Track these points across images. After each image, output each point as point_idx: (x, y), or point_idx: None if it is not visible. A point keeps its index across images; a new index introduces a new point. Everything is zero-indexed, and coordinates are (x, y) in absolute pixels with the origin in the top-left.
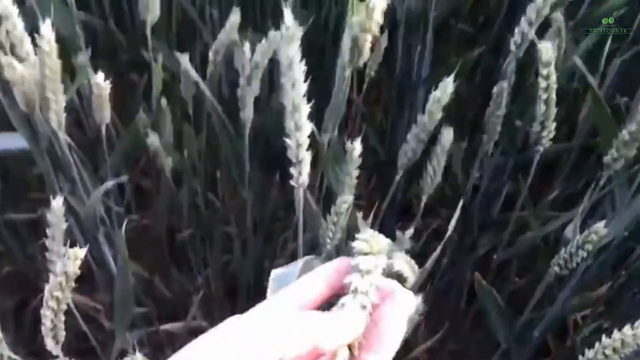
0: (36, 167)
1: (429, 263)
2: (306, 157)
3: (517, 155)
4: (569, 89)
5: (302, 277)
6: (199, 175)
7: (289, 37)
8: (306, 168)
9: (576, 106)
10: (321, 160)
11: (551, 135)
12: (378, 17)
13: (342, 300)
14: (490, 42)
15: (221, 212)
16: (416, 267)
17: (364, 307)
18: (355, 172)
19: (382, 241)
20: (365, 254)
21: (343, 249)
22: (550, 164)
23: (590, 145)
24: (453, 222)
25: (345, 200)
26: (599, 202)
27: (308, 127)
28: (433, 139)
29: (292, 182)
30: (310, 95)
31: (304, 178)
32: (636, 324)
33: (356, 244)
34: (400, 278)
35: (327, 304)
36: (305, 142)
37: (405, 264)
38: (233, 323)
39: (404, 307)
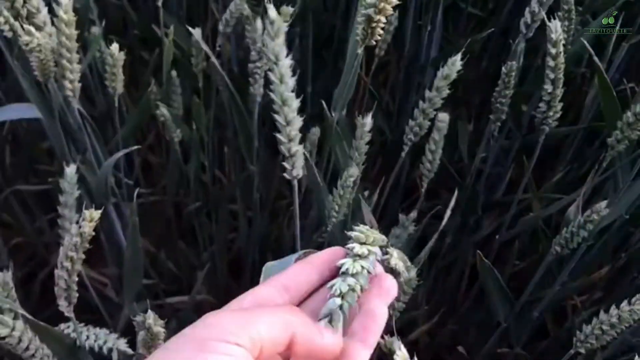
0: (46, 140)
1: (430, 244)
2: (299, 150)
3: (522, 138)
4: (576, 74)
5: (294, 264)
6: (207, 150)
7: (273, 32)
8: (300, 161)
9: (582, 91)
10: (329, 138)
11: (557, 116)
12: None
13: (332, 282)
14: (499, 26)
15: (227, 188)
16: (409, 263)
17: (352, 290)
18: (365, 148)
19: (377, 235)
20: (362, 243)
21: (348, 227)
22: (555, 149)
23: (594, 129)
24: (451, 205)
25: (352, 174)
26: (602, 185)
27: (299, 121)
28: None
29: (285, 175)
30: (319, 73)
31: (298, 171)
32: (633, 299)
33: (354, 234)
34: (393, 273)
35: None
36: (297, 136)
37: (399, 260)
38: (215, 315)
39: (388, 292)
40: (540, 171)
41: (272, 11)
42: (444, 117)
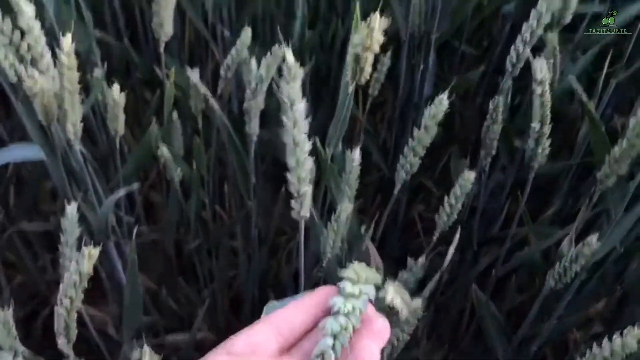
0: (49, 181)
1: (433, 282)
2: (308, 190)
3: (516, 174)
4: (569, 111)
5: (288, 305)
6: (207, 188)
7: (290, 77)
8: (308, 201)
9: (576, 127)
10: (324, 174)
11: (546, 152)
12: (379, 36)
13: (323, 322)
14: (492, 65)
15: (228, 225)
16: (409, 297)
17: (344, 329)
18: (355, 183)
19: (371, 274)
20: (354, 283)
21: (343, 262)
22: (551, 184)
23: (588, 164)
24: (453, 247)
25: (345, 208)
26: (597, 218)
27: (309, 162)
28: (437, 160)
29: (293, 215)
30: (316, 112)
31: (306, 211)
32: (625, 331)
33: (346, 274)
34: (392, 310)
35: None
36: (307, 177)
37: (397, 295)
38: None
39: (379, 335)
40: (538, 205)
41: (289, 56)
42: (469, 175)
